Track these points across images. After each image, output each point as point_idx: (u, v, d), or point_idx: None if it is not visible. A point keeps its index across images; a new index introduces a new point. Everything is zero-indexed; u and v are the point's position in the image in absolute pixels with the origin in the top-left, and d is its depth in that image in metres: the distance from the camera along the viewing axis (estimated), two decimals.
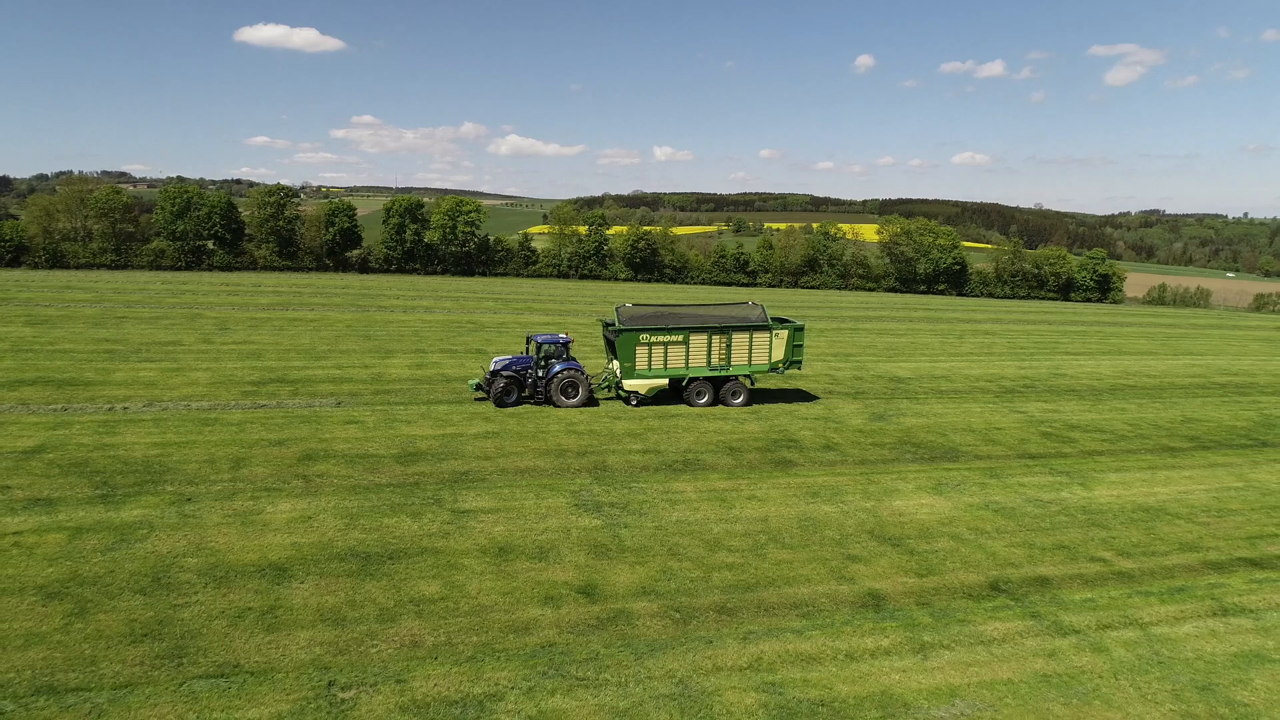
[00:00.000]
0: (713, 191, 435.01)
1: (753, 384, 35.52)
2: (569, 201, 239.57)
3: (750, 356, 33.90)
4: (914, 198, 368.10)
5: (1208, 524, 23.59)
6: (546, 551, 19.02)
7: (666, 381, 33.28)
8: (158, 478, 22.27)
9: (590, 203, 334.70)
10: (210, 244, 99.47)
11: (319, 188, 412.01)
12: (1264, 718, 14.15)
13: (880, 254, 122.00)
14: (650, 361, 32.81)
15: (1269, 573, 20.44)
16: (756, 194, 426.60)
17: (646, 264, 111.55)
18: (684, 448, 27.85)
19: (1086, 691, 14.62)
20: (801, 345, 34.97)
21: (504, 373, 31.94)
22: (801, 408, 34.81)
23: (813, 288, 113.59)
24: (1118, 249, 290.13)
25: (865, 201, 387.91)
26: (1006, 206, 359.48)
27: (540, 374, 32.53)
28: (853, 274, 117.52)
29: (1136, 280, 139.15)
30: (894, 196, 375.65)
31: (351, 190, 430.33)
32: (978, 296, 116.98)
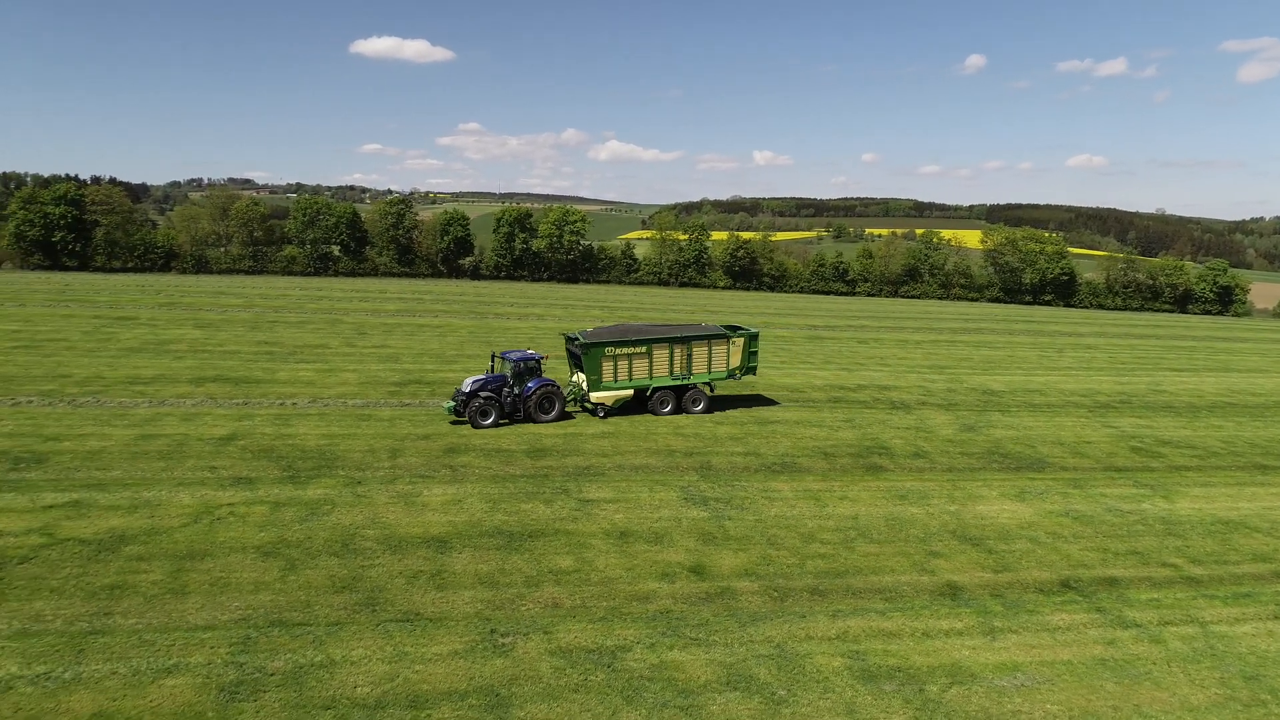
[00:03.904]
0: (812, 196, 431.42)
1: (712, 391, 36.73)
2: (669, 208, 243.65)
3: (709, 365, 35.63)
4: (1023, 203, 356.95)
5: None
6: (661, 537, 21.97)
7: (631, 392, 34.68)
8: (331, 463, 26.30)
9: (689, 208, 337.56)
10: (336, 250, 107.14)
11: (426, 193, 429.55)
12: None
13: (984, 263, 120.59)
14: (616, 374, 34.23)
15: None
16: (858, 199, 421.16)
17: (745, 272, 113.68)
18: (782, 451, 30.38)
19: (1138, 674, 16.59)
20: (756, 351, 36.82)
21: (482, 393, 31.70)
22: (894, 417, 36.78)
23: (913, 297, 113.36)
24: (1248, 257, 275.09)
25: (971, 207, 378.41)
26: (1124, 212, 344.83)
27: (517, 392, 32.58)
28: (954, 284, 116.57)
29: (1268, 291, 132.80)
30: (1002, 202, 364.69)
31: (457, 196, 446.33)
32: (1087, 308, 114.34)
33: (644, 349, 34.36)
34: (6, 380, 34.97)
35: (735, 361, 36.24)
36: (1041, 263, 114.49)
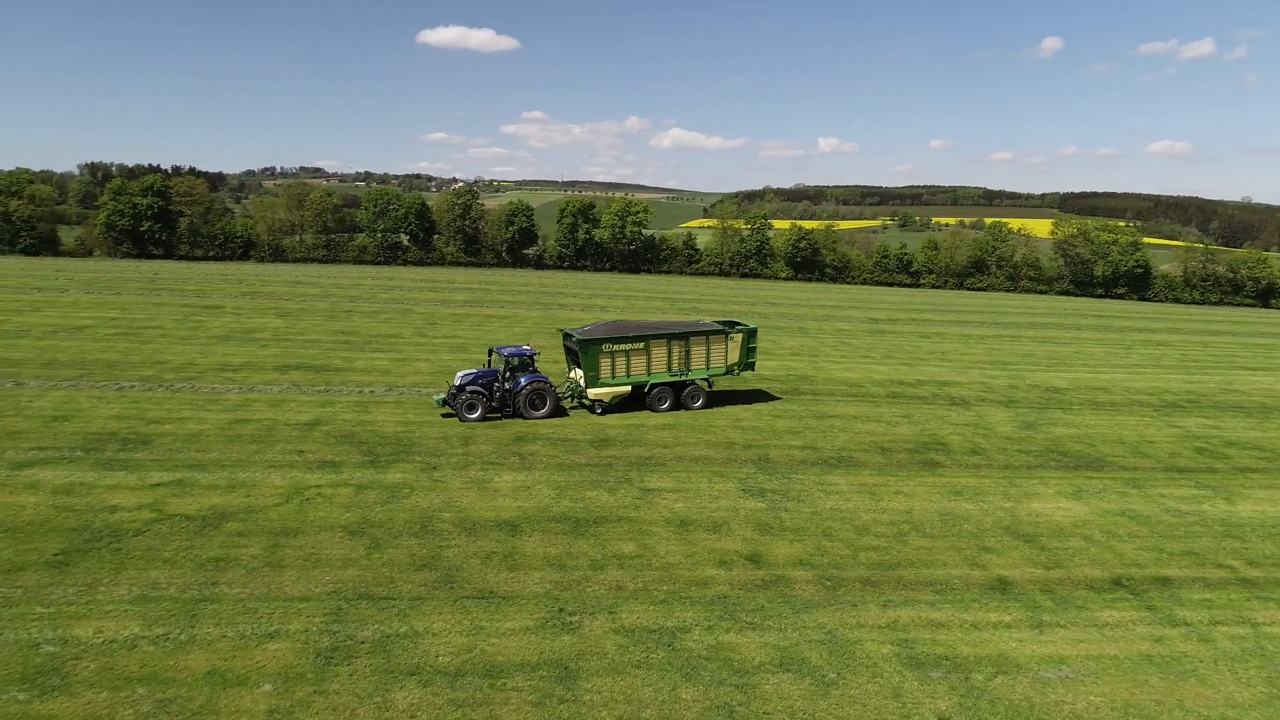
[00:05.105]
0: (877, 184, 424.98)
1: (710, 387, 36.68)
2: (731, 196, 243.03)
3: (708, 361, 35.59)
4: (1100, 191, 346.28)
5: None
6: (719, 526, 22.98)
7: (629, 389, 34.53)
8: (408, 449, 27.93)
9: (751, 196, 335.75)
10: (405, 240, 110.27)
11: (490, 181, 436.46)
12: None
13: (1054, 255, 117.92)
14: (614, 370, 34.11)
15: None
16: (925, 187, 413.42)
17: (807, 263, 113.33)
18: (839, 446, 31.06)
19: (1184, 671, 17.04)
20: (754, 347, 36.77)
21: (470, 387, 31.74)
22: (952, 414, 37.05)
23: (979, 289, 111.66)
24: None
25: (1044, 195, 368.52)
26: (1207, 200, 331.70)
27: (508, 387, 32.55)
28: (1022, 276, 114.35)
29: None
30: (1077, 190, 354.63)
31: (520, 184, 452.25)
32: (1162, 302, 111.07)
33: (642, 345, 34.31)
34: (110, 366, 37.62)
35: (734, 357, 36.35)
36: (1114, 254, 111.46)
